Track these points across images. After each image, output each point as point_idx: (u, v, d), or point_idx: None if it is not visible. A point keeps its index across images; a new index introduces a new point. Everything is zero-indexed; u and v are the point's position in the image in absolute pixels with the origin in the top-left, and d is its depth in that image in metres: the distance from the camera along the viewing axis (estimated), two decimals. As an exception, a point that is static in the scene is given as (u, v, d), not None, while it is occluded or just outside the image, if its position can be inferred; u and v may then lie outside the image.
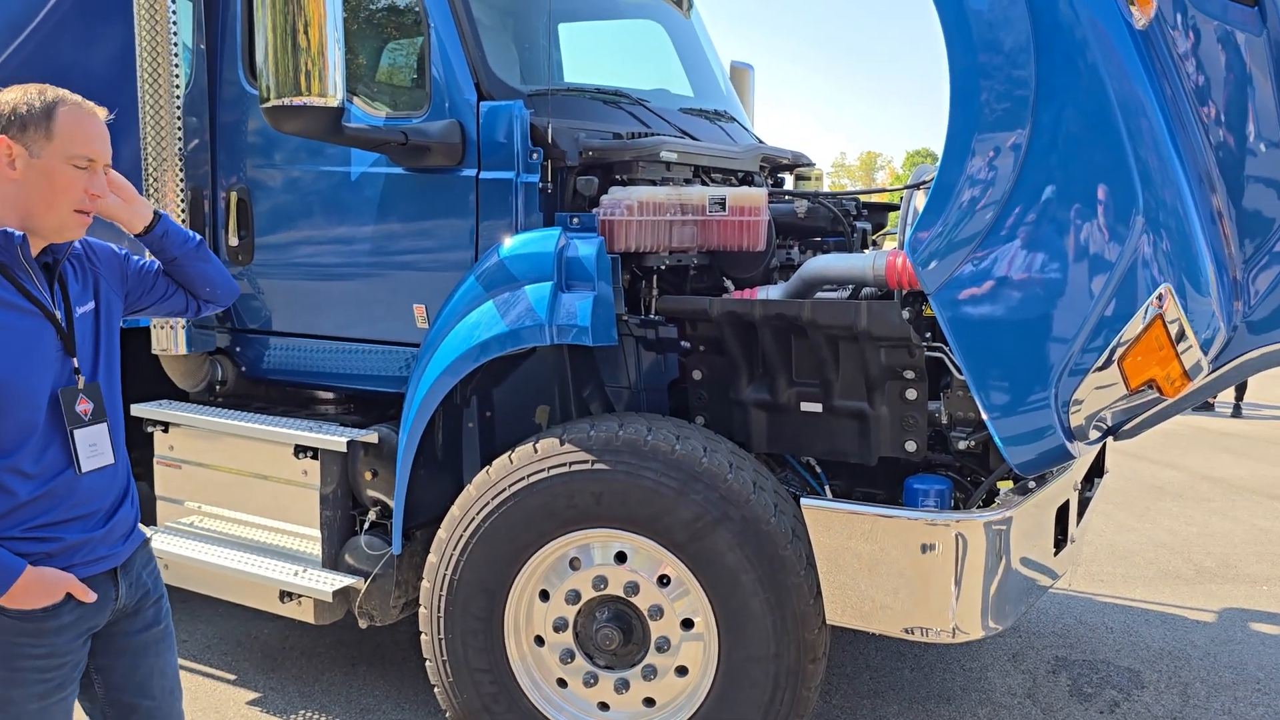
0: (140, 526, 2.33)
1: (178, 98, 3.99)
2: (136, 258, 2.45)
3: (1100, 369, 2.78)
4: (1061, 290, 2.78)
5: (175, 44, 3.96)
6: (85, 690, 2.29)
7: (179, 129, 4.02)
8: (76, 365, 2.14)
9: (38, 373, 2.06)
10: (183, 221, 4.06)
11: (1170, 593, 5.65)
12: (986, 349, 2.89)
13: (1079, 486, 3.71)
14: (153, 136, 3.99)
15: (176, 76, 3.97)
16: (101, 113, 2.16)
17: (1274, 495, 7.80)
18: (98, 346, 2.21)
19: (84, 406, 2.13)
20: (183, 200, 4.06)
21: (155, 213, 2.45)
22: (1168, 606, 5.44)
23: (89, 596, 2.10)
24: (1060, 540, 3.54)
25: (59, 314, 2.11)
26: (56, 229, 2.10)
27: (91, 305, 2.22)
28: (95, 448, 2.15)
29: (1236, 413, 11.39)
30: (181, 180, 4.05)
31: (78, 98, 2.13)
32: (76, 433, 2.11)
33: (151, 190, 4.02)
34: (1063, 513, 3.53)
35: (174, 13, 3.93)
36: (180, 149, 4.03)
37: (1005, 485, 3.37)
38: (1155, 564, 6.14)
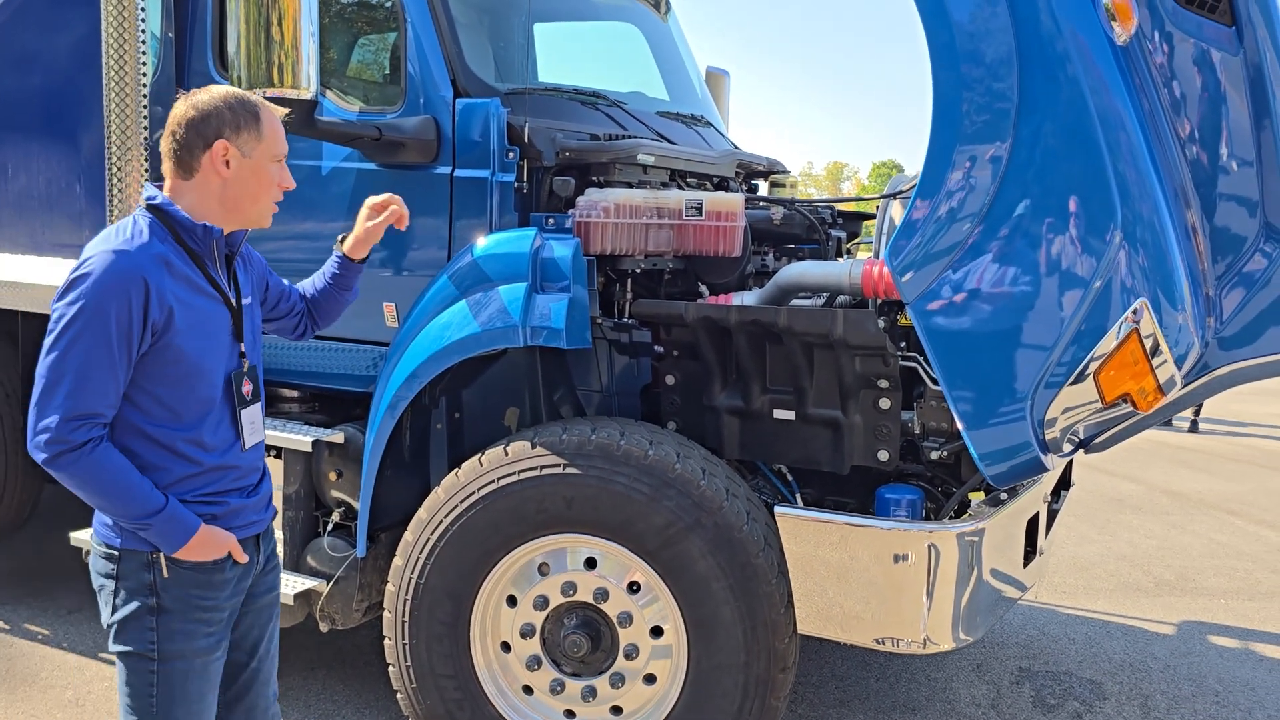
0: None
1: (144, 87, 3.90)
2: (267, 264, 2.71)
3: (1076, 382, 2.78)
4: (1039, 303, 2.78)
5: (143, 31, 3.87)
6: None
7: (145, 119, 3.92)
8: (243, 349, 2.37)
9: (217, 354, 2.30)
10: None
11: (1131, 605, 5.70)
12: (963, 360, 2.89)
13: (1048, 498, 3.72)
14: (117, 126, 3.90)
15: (143, 65, 3.88)
16: (281, 112, 2.41)
17: (1230, 510, 7.91)
18: (255, 335, 2.46)
19: (247, 388, 2.36)
20: (147, 191, 3.97)
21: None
22: (1128, 618, 5.48)
23: (243, 557, 2.33)
24: (1029, 552, 3.55)
25: (234, 300, 2.35)
26: (257, 218, 2.37)
27: (251, 298, 2.47)
28: (254, 425, 2.40)
29: (1193, 428, 11.55)
30: (146, 171, 3.95)
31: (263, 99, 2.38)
32: (242, 412, 2.34)
33: (116, 181, 3.92)
34: (1032, 525, 3.54)
35: (142, 1, 3.85)
36: (146, 139, 3.93)
37: (977, 496, 3.37)
38: (1116, 576, 6.20)
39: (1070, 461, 4.45)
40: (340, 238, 2.87)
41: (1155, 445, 10.42)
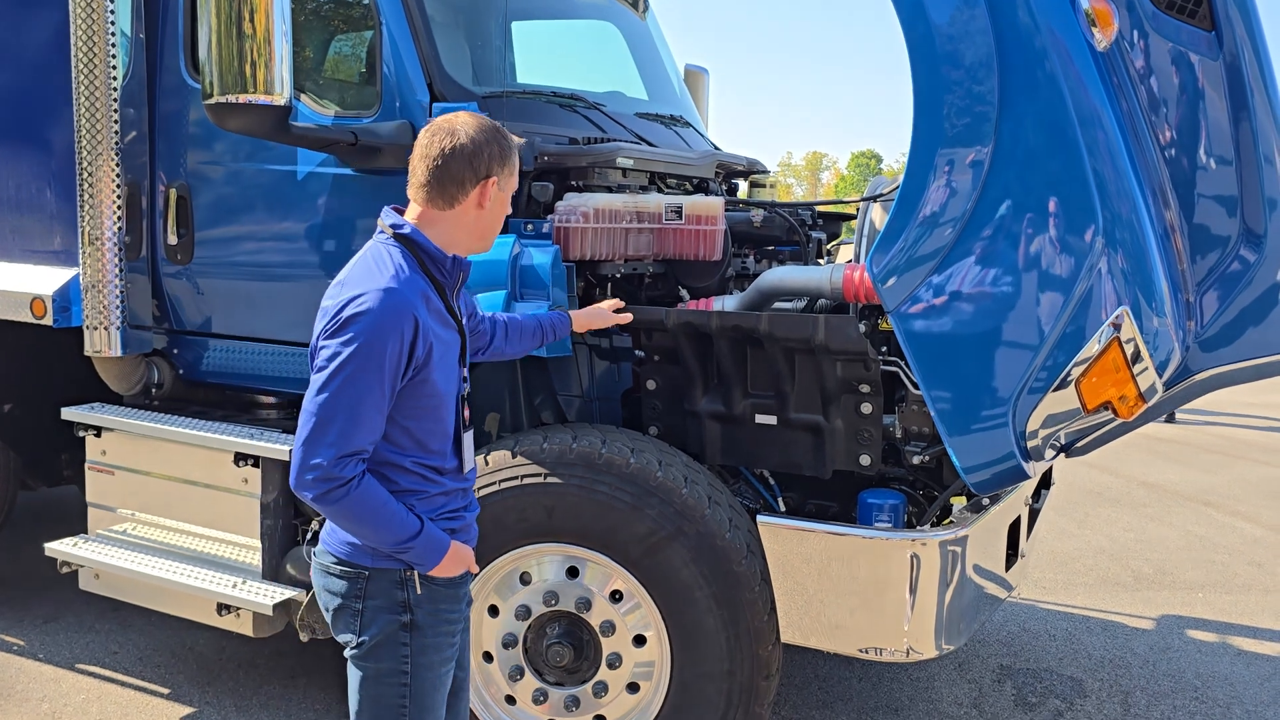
0: None
1: (114, 88, 3.84)
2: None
3: (1058, 389, 2.78)
4: (1021, 308, 2.77)
5: (113, 32, 3.81)
6: None
7: (116, 121, 3.86)
8: (465, 374, 2.41)
9: (454, 382, 2.34)
10: (118, 218, 3.91)
11: (1110, 600, 5.73)
12: (945, 367, 2.88)
13: (1029, 501, 3.72)
14: (87, 128, 3.84)
15: (114, 66, 3.82)
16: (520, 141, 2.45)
17: (1207, 502, 7.97)
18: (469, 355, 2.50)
19: (467, 412, 2.41)
20: (118, 195, 3.91)
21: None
22: (1108, 614, 5.51)
23: (476, 568, 2.44)
24: (1011, 555, 3.55)
25: (463, 326, 2.38)
26: (488, 246, 2.43)
27: (466, 317, 2.52)
28: (469, 448, 2.44)
29: (1170, 418, 11.65)
30: (118, 174, 3.90)
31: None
32: (464, 436, 2.39)
33: (86, 184, 3.86)
34: (1015, 528, 3.54)
35: (112, 0, 3.78)
36: (117, 142, 3.88)
37: (959, 501, 3.37)
38: (1095, 570, 6.23)
39: (1051, 461, 4.47)
40: (574, 315, 3.10)
41: (1133, 437, 10.43)
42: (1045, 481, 4.48)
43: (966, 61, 2.77)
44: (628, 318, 3.22)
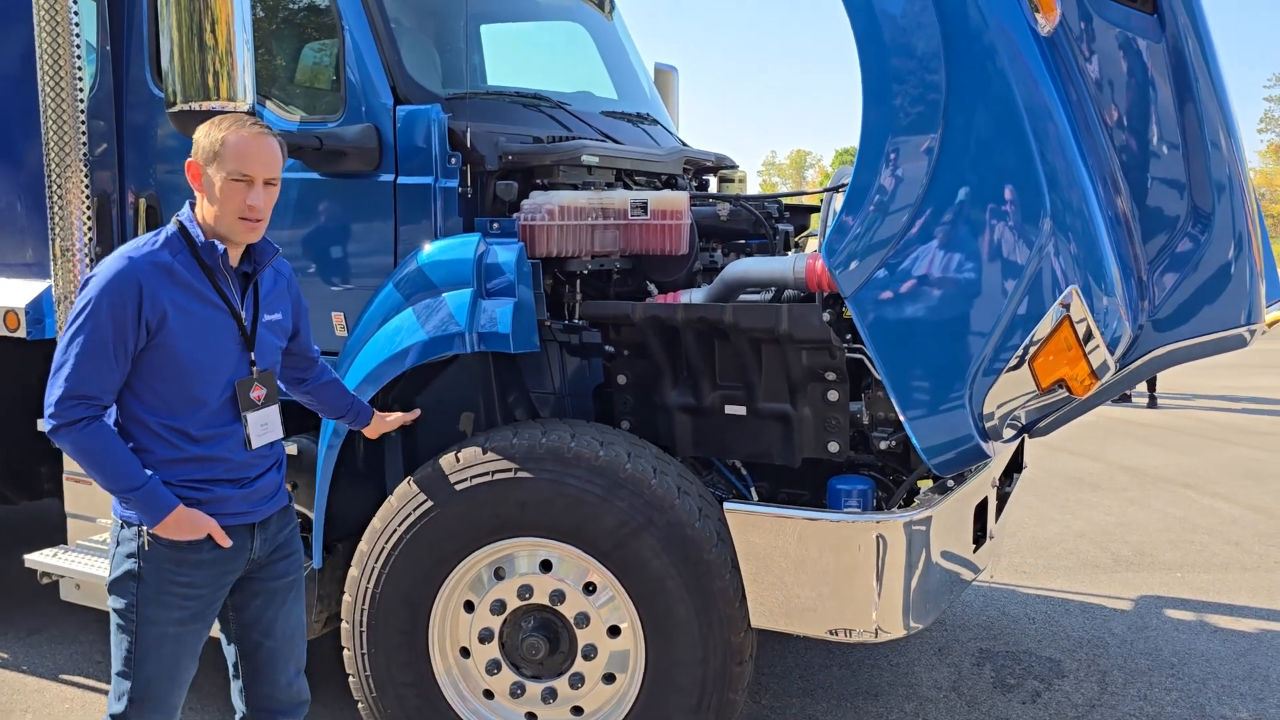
0: (287, 488, 2.82)
1: (81, 100, 3.85)
2: (306, 310, 2.94)
3: (1013, 369, 2.82)
4: (974, 292, 2.82)
5: (78, 44, 3.82)
6: (224, 625, 2.78)
7: (84, 132, 3.88)
8: (253, 359, 2.59)
9: (217, 357, 2.53)
10: (89, 229, 3.93)
11: (1089, 582, 5.79)
12: (902, 350, 2.92)
13: (997, 483, 3.77)
14: (55, 140, 3.85)
15: (79, 78, 3.84)
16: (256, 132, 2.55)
17: (1187, 484, 8.05)
18: (272, 348, 2.70)
19: (258, 393, 2.60)
20: (88, 207, 3.93)
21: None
22: (1087, 596, 5.57)
23: (226, 542, 2.54)
24: (979, 536, 3.60)
25: (245, 314, 2.59)
26: (228, 231, 2.53)
27: (281, 315, 2.73)
28: (266, 426, 2.63)
29: (1152, 404, 11.74)
30: (87, 186, 3.91)
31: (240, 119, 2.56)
32: (248, 416, 2.58)
33: (55, 196, 3.88)
34: (981, 509, 3.58)
35: (76, 12, 3.79)
36: (85, 154, 3.89)
37: (926, 484, 3.42)
38: (1075, 554, 6.29)
39: (1022, 444, 4.52)
40: (375, 414, 3.27)
41: (1114, 422, 10.57)
42: (1018, 465, 4.54)
43: (917, 52, 2.82)
44: (414, 416, 3.41)
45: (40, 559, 4.14)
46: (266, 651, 2.77)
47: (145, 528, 2.49)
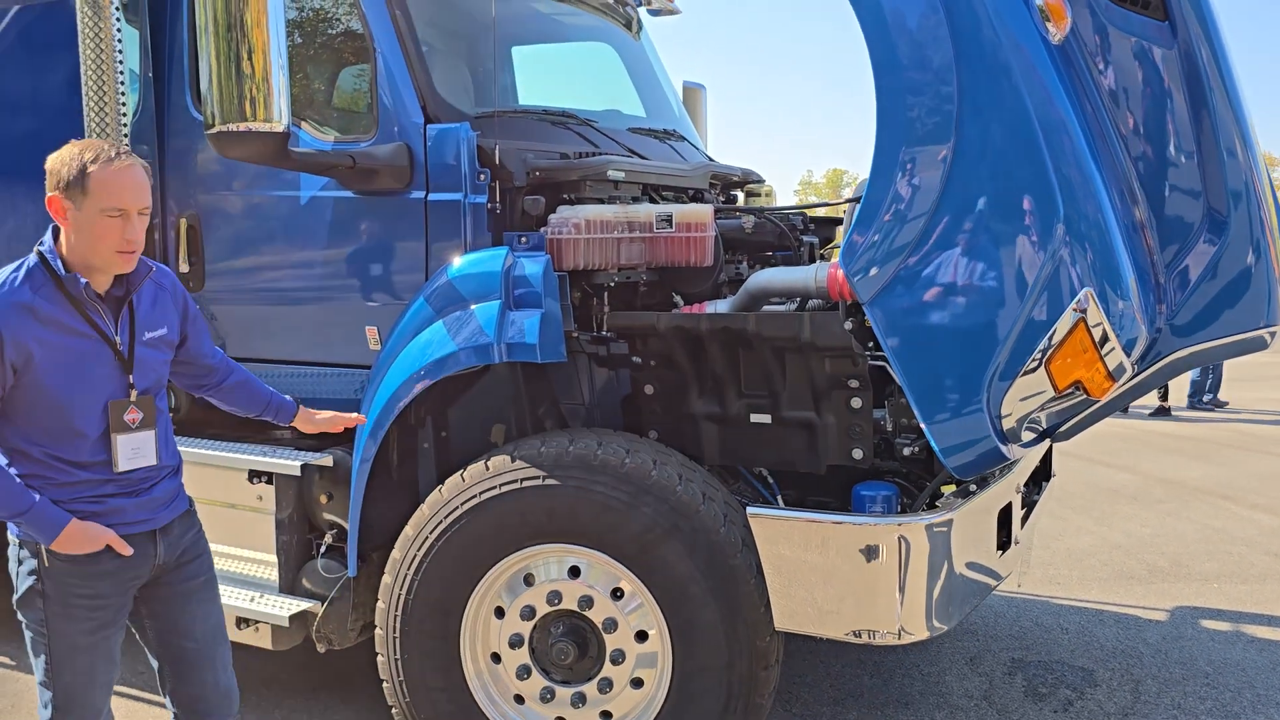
0: (187, 493, 2.81)
1: (124, 124, 4.00)
2: (198, 316, 2.91)
3: (1029, 373, 2.86)
4: (989, 297, 2.86)
5: (121, 71, 3.97)
6: (141, 635, 2.79)
7: (128, 157, 4.02)
8: (132, 381, 2.57)
9: (88, 386, 2.51)
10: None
11: (1124, 593, 5.75)
12: (919, 356, 2.97)
13: (1022, 489, 3.78)
14: (101, 165, 3.99)
15: (123, 103, 3.99)
16: (126, 165, 2.51)
17: (1225, 495, 7.95)
18: (161, 362, 2.67)
19: (132, 416, 2.57)
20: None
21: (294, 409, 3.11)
22: (1121, 606, 5.53)
23: (126, 551, 2.55)
24: (1005, 542, 3.61)
25: (121, 338, 2.56)
26: (104, 265, 2.51)
27: (163, 330, 2.69)
28: (138, 450, 2.60)
29: (1163, 414, 11.62)
30: (131, 208, 4.05)
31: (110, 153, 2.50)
32: (119, 437, 2.56)
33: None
34: (1006, 514, 3.60)
35: (119, 39, 3.95)
36: (129, 177, 4.03)
37: (949, 489, 3.44)
38: (1110, 565, 6.25)
39: (1050, 452, 4.52)
40: (302, 409, 3.14)
41: (1150, 435, 10.48)
42: (1046, 474, 4.54)
43: (927, 63, 2.87)
44: (358, 419, 3.21)
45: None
46: (191, 654, 2.78)
47: (43, 545, 2.51)
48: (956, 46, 2.81)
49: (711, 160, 5.10)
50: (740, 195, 5.29)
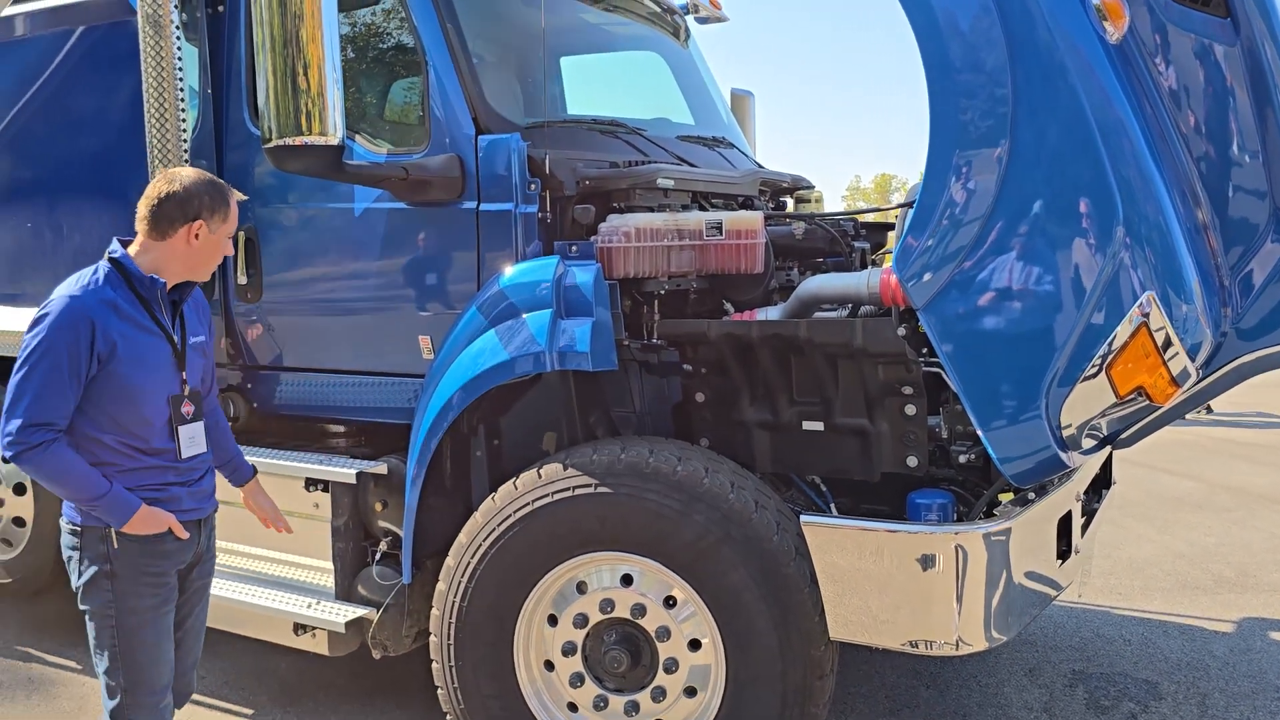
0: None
1: (185, 141, 4.09)
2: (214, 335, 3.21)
3: (1089, 378, 2.80)
4: (1047, 302, 2.81)
5: (181, 88, 4.06)
6: None
7: (187, 172, 4.11)
8: (185, 377, 2.87)
9: (157, 379, 2.81)
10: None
11: (1189, 604, 5.61)
12: (975, 362, 2.92)
13: (1082, 497, 3.71)
14: (162, 180, 4.08)
15: (183, 120, 4.08)
16: (240, 196, 2.93)
17: (1295, 504, 7.74)
18: (201, 367, 2.98)
19: (188, 408, 2.89)
20: (192, 241, 4.15)
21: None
22: (1186, 618, 5.40)
23: (184, 533, 2.84)
24: (1064, 551, 3.55)
25: (176, 338, 2.87)
26: (204, 275, 2.91)
27: (203, 337, 3.01)
28: (194, 439, 2.91)
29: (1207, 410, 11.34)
30: (191, 222, 4.13)
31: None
32: (180, 429, 2.87)
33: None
34: (1065, 523, 3.53)
35: (180, 58, 4.04)
36: (189, 191, 4.11)
37: (1006, 497, 3.39)
38: (1174, 575, 6.10)
39: (1110, 460, 4.43)
40: (255, 481, 3.32)
41: (1215, 442, 10.22)
42: (1106, 482, 4.45)
43: (980, 65, 2.84)
44: (289, 530, 3.40)
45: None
46: (174, 641, 2.99)
47: (113, 529, 2.75)
48: (1010, 48, 2.77)
49: (761, 167, 5.08)
50: (790, 202, 5.27)
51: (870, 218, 4.77)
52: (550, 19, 4.06)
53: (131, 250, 2.81)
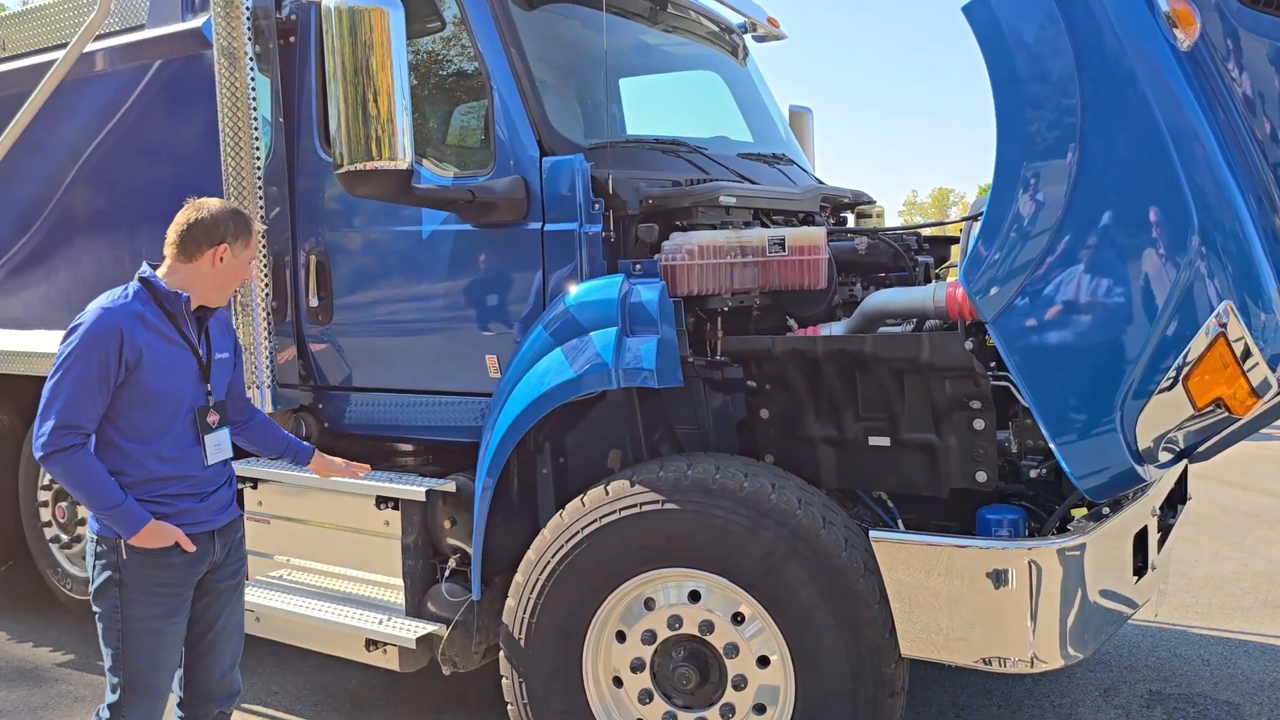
0: (235, 505, 3.23)
1: (258, 168, 4.21)
2: (240, 352, 3.38)
3: (1165, 390, 2.75)
4: (1120, 313, 2.77)
5: (255, 118, 4.18)
6: None
7: (261, 198, 4.23)
8: (210, 389, 3.07)
9: (180, 388, 3.00)
10: (265, 285, 4.27)
11: (1270, 623, 5.45)
12: (1047, 375, 2.89)
13: (1157, 512, 3.64)
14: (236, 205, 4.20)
15: (257, 149, 4.19)
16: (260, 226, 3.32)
17: (1380, 520, 7.48)
18: (225, 379, 3.18)
19: (213, 418, 3.08)
20: (265, 266, 4.27)
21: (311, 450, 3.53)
22: (1267, 637, 5.25)
23: (190, 547, 2.98)
24: (1140, 567, 3.48)
25: (201, 352, 3.06)
26: (222, 300, 3.13)
27: (228, 355, 3.20)
28: (219, 446, 3.11)
29: None
30: (264, 247, 4.25)
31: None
32: (206, 437, 3.05)
33: (237, 257, 4.21)
34: (1141, 539, 3.47)
35: (253, 88, 4.16)
36: (262, 216, 4.24)
37: (1079, 512, 3.33)
38: (1253, 593, 5.93)
39: (1185, 474, 4.34)
40: (317, 452, 3.54)
41: (1294, 457, 9.92)
42: (1182, 497, 4.35)
43: (1047, 75, 2.82)
44: (366, 468, 3.60)
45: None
46: (207, 644, 3.18)
47: (123, 540, 2.91)
48: (1078, 57, 2.74)
49: (821, 183, 5.08)
50: (851, 217, 5.26)
51: (932, 232, 4.73)
52: (611, 41, 4.12)
53: (160, 272, 3.03)
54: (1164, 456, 3.00)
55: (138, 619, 2.97)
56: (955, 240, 4.68)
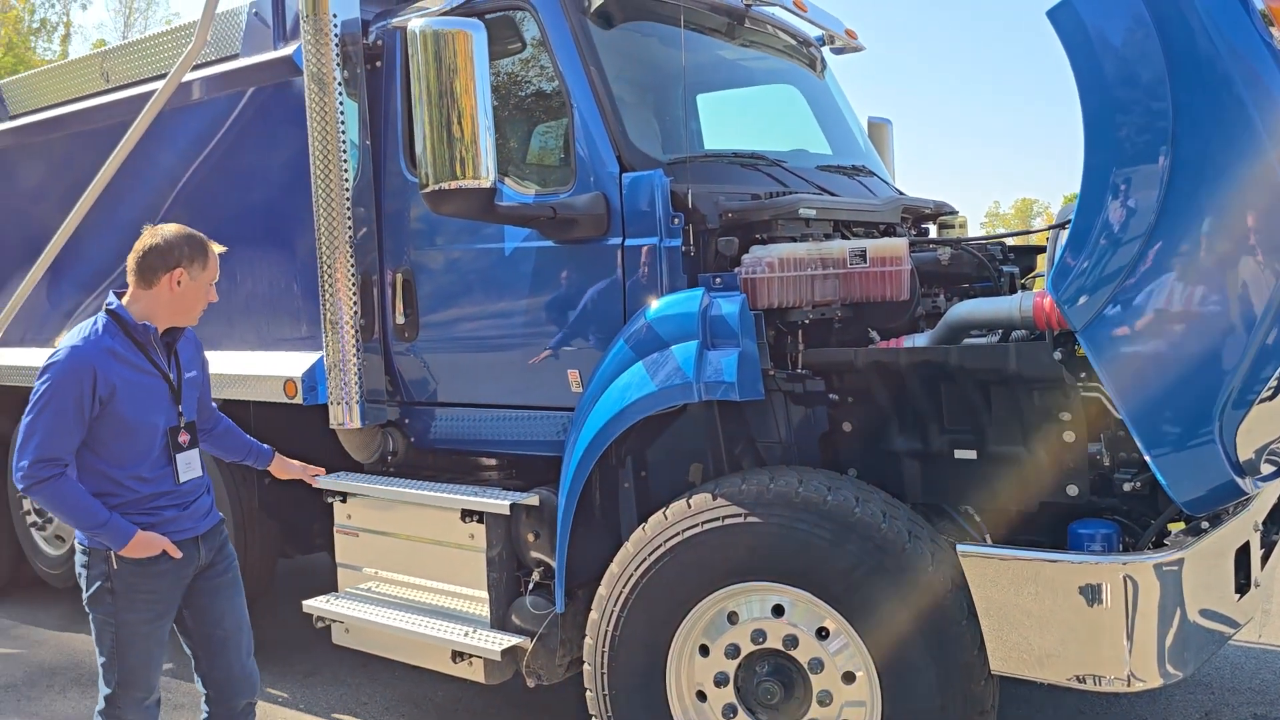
0: (217, 510, 3.46)
1: (347, 190, 4.33)
2: (208, 366, 3.56)
3: (1266, 400, 2.66)
4: (1216, 321, 2.69)
5: (344, 141, 4.31)
6: (179, 625, 3.38)
7: (349, 219, 4.34)
8: (180, 410, 3.26)
9: (154, 415, 3.18)
10: (354, 304, 4.37)
11: (1383, 645, 5.21)
12: (1141, 385, 2.81)
13: (1260, 527, 3.51)
14: (325, 227, 4.33)
15: (345, 171, 4.31)
16: (219, 249, 3.29)
17: None
18: (195, 399, 3.37)
19: (184, 438, 3.27)
20: (354, 284, 4.38)
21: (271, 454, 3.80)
22: (1381, 659, 5.01)
23: (177, 554, 3.18)
24: (1243, 585, 3.35)
25: (172, 376, 3.24)
26: (191, 320, 3.28)
27: (196, 373, 3.38)
28: (190, 464, 3.29)
29: None
30: (352, 266, 4.36)
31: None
32: (178, 456, 3.25)
33: (325, 276, 4.34)
34: (1243, 554, 3.34)
35: (342, 113, 4.29)
36: (350, 237, 4.35)
37: (1177, 527, 3.24)
38: (1364, 614, 5.66)
39: (1289, 488, 4.17)
40: (278, 456, 3.80)
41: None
42: (1286, 511, 4.19)
43: (1136, 79, 2.76)
44: (320, 471, 3.91)
45: (316, 604, 4.56)
46: (218, 640, 3.39)
47: (113, 551, 3.10)
48: (1169, 60, 2.68)
49: (901, 194, 5.03)
50: (932, 228, 5.19)
51: (1017, 241, 4.65)
52: (690, 57, 4.15)
53: (124, 300, 3.17)
54: (1266, 469, 2.90)
55: (129, 624, 3.17)
56: (1041, 250, 4.59)
